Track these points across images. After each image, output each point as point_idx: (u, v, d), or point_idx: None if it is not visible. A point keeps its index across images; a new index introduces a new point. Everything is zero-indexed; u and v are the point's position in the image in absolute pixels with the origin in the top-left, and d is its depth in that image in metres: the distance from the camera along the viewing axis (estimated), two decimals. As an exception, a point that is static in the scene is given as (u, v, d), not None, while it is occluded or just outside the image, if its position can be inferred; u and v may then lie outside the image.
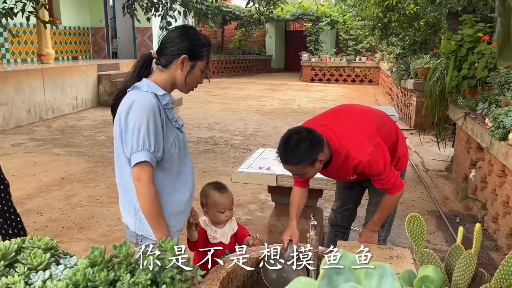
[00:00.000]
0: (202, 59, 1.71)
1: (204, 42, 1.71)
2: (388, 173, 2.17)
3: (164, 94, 1.68)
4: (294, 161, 2.00)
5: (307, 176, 2.18)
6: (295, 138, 2.02)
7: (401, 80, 8.55)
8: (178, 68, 1.68)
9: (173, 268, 0.97)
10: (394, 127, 2.42)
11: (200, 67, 1.72)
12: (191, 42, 1.68)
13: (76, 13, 11.95)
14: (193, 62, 1.69)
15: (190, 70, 1.70)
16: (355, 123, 2.24)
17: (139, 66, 1.74)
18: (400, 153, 2.40)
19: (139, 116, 1.58)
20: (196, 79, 1.74)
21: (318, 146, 2.03)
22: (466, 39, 4.53)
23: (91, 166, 5.45)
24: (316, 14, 17.95)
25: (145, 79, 1.70)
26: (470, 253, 0.85)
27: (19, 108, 7.79)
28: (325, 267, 0.67)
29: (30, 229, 3.66)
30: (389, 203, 2.29)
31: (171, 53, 1.68)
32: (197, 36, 1.71)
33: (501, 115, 3.43)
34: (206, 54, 1.71)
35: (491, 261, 3.21)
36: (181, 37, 1.68)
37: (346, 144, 2.12)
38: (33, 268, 0.92)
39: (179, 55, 1.66)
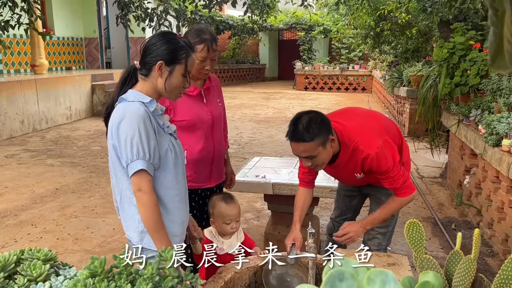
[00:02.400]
0: (180, 62, 1.68)
1: (181, 45, 1.69)
2: (397, 171, 2.10)
3: (151, 101, 1.67)
4: (308, 138, 1.95)
5: (317, 161, 2.06)
6: (305, 116, 2.00)
7: (394, 87, 8.61)
8: (157, 75, 1.67)
9: (174, 277, 0.97)
10: (398, 133, 2.40)
11: (179, 71, 1.68)
12: (168, 47, 1.67)
13: (70, 23, 11.95)
14: (171, 67, 1.67)
15: (168, 76, 1.68)
16: (364, 120, 2.22)
17: (123, 78, 1.75)
18: (404, 159, 2.37)
19: (130, 126, 1.58)
20: (176, 84, 1.70)
21: (329, 126, 2.02)
22: (458, 46, 4.59)
23: (85, 177, 5.42)
24: (309, 23, 18.08)
25: (130, 90, 1.70)
26: (470, 258, 0.85)
27: (12, 119, 7.75)
28: (328, 274, 0.68)
29: (25, 241, 3.63)
30: (396, 205, 2.21)
31: (149, 61, 1.67)
32: (174, 40, 1.69)
33: (494, 122, 3.47)
34: (184, 57, 1.69)
35: (487, 267, 3.22)
36: (158, 43, 1.68)
37: (355, 137, 2.09)
38: (33, 279, 0.91)
39: (156, 61, 1.65)
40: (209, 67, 2.27)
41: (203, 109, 2.36)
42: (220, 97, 2.53)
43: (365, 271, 0.70)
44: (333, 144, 2.04)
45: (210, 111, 2.38)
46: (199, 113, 2.34)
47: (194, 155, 2.34)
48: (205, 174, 2.43)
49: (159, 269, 0.96)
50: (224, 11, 20.00)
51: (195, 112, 2.33)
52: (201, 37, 2.19)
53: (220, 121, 2.47)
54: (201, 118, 2.34)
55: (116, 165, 1.70)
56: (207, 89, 2.40)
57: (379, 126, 2.18)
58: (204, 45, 2.19)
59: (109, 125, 1.66)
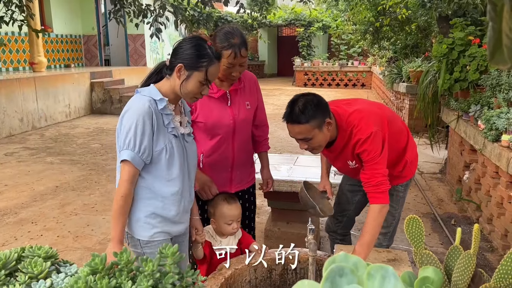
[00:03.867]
0: (199, 70, 1.69)
1: (205, 53, 1.70)
2: (380, 167, 2.01)
3: (161, 99, 1.71)
4: (303, 119, 1.94)
5: (313, 144, 2.04)
6: (302, 99, 1.99)
7: (394, 83, 8.61)
8: (176, 77, 1.71)
9: (174, 274, 0.97)
10: (406, 130, 2.34)
11: (197, 78, 1.70)
12: (192, 53, 1.69)
13: (68, 21, 11.92)
14: (189, 72, 1.69)
15: (185, 80, 1.70)
16: (365, 107, 2.16)
17: (151, 73, 1.81)
18: (408, 157, 2.31)
19: (130, 118, 1.66)
20: (191, 89, 1.72)
21: (326, 109, 2.00)
22: (457, 42, 4.58)
23: (85, 174, 5.42)
24: (308, 19, 18.05)
25: (152, 84, 1.76)
26: (469, 254, 0.86)
27: (11, 117, 7.74)
28: (328, 270, 0.68)
29: (25, 239, 3.64)
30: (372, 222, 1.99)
31: (173, 62, 1.72)
32: (200, 47, 1.71)
33: (493, 117, 3.47)
34: (205, 65, 1.69)
35: (486, 262, 3.23)
36: (185, 46, 1.71)
37: (352, 121, 2.06)
38: (34, 276, 0.91)
39: (178, 63, 1.69)
40: (236, 73, 2.15)
41: (225, 112, 2.23)
42: (252, 98, 2.35)
43: (365, 266, 0.70)
44: (330, 127, 2.02)
45: (232, 115, 2.25)
46: (219, 116, 2.22)
47: (209, 159, 2.27)
48: (224, 179, 2.35)
49: (159, 266, 0.96)
50: (223, 8, 19.96)
51: (215, 116, 2.21)
52: (229, 41, 2.06)
53: (245, 125, 2.33)
54: (220, 122, 2.22)
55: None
56: (234, 91, 2.26)
57: (381, 116, 2.12)
58: (231, 51, 2.06)
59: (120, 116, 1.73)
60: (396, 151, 2.24)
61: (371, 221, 2.00)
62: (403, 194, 2.43)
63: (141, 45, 12.88)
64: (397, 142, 2.23)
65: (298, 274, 2.19)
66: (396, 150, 2.23)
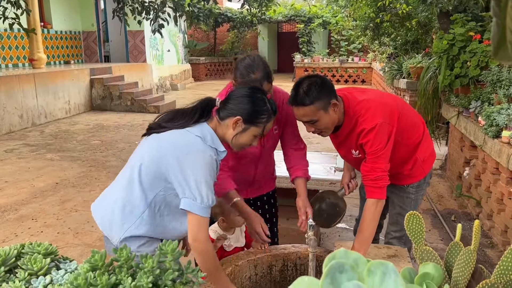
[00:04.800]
0: (257, 125, 1.68)
1: (266, 109, 1.68)
2: (381, 161, 1.96)
3: (223, 151, 1.67)
4: (307, 101, 1.90)
5: (320, 126, 1.99)
6: (306, 81, 1.95)
7: (394, 79, 8.59)
8: (231, 127, 1.67)
9: (174, 270, 0.97)
10: (421, 127, 2.23)
11: (253, 132, 1.69)
12: (252, 107, 1.67)
13: (68, 17, 11.88)
14: (246, 125, 1.67)
15: (240, 132, 1.68)
16: (376, 97, 2.08)
17: (200, 108, 1.70)
18: (419, 155, 2.21)
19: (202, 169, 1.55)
20: (244, 141, 1.71)
21: (331, 90, 1.96)
22: (457, 38, 4.57)
23: (85, 171, 5.42)
24: (308, 15, 18.00)
25: (208, 127, 1.67)
26: (470, 250, 0.86)
27: (11, 113, 7.73)
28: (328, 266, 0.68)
29: (25, 235, 3.64)
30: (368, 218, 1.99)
31: (230, 110, 1.67)
32: (262, 102, 1.69)
33: (493, 113, 3.46)
34: (264, 121, 1.69)
35: (486, 258, 3.23)
36: (244, 98, 1.68)
37: (360, 110, 2.00)
38: (34, 273, 0.91)
39: (235, 115, 1.65)
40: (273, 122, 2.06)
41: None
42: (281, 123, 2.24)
43: (366, 263, 0.70)
44: (336, 109, 1.97)
45: (260, 144, 2.22)
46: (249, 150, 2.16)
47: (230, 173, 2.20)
48: (242, 189, 2.29)
49: (159, 263, 0.96)
50: (223, 4, 19.92)
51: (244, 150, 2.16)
52: (250, 76, 1.98)
53: (272, 150, 2.31)
54: (247, 151, 2.17)
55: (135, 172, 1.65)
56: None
57: (392, 109, 2.03)
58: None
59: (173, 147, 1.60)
60: (407, 147, 2.15)
61: (368, 217, 2.00)
62: (415, 196, 2.31)
63: (140, 42, 12.85)
64: (408, 138, 2.15)
65: (298, 270, 2.19)
66: (406, 146, 2.15)
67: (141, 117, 9.38)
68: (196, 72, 17.63)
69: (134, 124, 8.60)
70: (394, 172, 2.14)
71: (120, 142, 6.97)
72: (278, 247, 2.26)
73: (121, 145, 6.81)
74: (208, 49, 19.55)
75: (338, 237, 3.58)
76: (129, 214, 1.66)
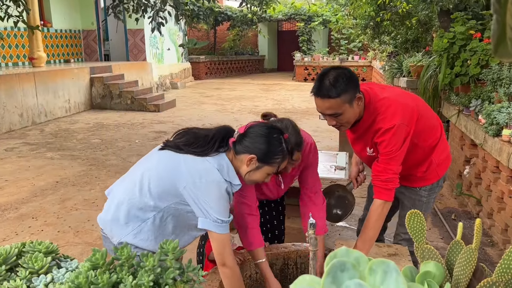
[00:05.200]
0: (271, 165, 1.70)
1: (281, 150, 1.69)
2: (394, 163, 1.92)
3: (238, 185, 1.70)
4: (334, 93, 1.82)
5: (342, 120, 1.93)
6: (333, 72, 1.86)
7: (394, 78, 8.58)
8: (245, 163, 1.69)
9: (175, 269, 0.97)
10: (439, 130, 2.15)
11: (266, 171, 1.71)
12: (267, 147, 1.67)
13: (67, 16, 11.87)
14: (260, 164, 1.69)
15: (254, 169, 1.70)
16: (400, 96, 2.01)
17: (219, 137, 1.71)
18: (435, 158, 2.14)
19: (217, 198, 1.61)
20: (257, 178, 1.73)
21: (357, 83, 1.89)
22: (458, 36, 4.56)
23: (85, 170, 5.42)
24: (308, 13, 17.99)
25: (226, 159, 1.69)
26: (471, 248, 0.86)
27: (11, 112, 7.73)
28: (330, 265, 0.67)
29: (26, 234, 3.64)
30: (374, 218, 1.97)
31: (245, 147, 1.69)
32: (278, 142, 1.69)
33: (494, 112, 3.46)
34: (278, 162, 1.70)
35: (487, 256, 3.24)
36: (261, 138, 1.68)
37: (379, 108, 1.94)
38: (35, 272, 0.91)
39: (250, 153, 1.67)
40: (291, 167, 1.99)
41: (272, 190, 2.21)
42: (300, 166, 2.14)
43: (367, 261, 0.70)
44: (360, 103, 1.91)
45: (277, 192, 2.25)
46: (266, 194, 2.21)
47: None
48: None
49: (160, 261, 0.96)
50: (222, 2, 19.91)
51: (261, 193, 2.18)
52: None
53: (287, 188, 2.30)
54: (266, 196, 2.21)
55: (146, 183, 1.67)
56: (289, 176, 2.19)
57: (412, 110, 1.96)
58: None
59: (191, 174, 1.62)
60: (423, 150, 2.09)
61: (374, 218, 1.97)
62: (427, 200, 2.26)
63: (140, 40, 12.84)
64: (425, 140, 2.08)
65: (299, 269, 2.20)
66: (422, 149, 2.08)
67: (141, 115, 9.38)
68: (196, 71, 17.62)
69: (134, 122, 8.60)
70: (407, 173, 2.10)
71: (120, 141, 6.97)
72: (279, 245, 2.26)
73: (121, 143, 6.81)
74: (208, 48, 19.53)
75: (338, 236, 3.58)
76: (134, 217, 1.68)
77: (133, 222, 1.67)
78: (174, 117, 9.24)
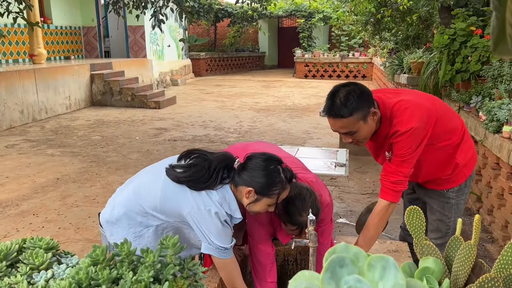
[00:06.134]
0: (270, 197, 1.69)
1: (279, 181, 1.68)
2: (406, 166, 1.89)
3: (239, 219, 1.72)
4: (346, 112, 1.77)
5: (359, 137, 1.89)
6: (343, 90, 1.81)
7: (395, 75, 8.57)
8: (244, 196, 1.69)
9: (175, 265, 0.97)
10: (460, 130, 2.07)
11: (266, 202, 1.71)
12: (265, 180, 1.67)
13: (67, 12, 11.85)
14: (259, 196, 1.69)
15: (254, 201, 1.70)
16: (416, 98, 1.95)
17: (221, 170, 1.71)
18: (460, 160, 2.05)
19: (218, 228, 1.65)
20: (258, 210, 1.74)
21: (370, 98, 1.83)
22: (458, 33, 4.55)
23: (86, 166, 5.43)
24: (308, 10, 17.95)
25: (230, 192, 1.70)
26: (470, 244, 0.86)
27: (11, 109, 7.73)
28: (328, 260, 0.68)
29: (27, 230, 3.65)
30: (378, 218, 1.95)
31: (243, 180, 1.68)
32: (275, 174, 1.68)
33: (494, 108, 3.46)
34: (277, 193, 1.69)
35: (486, 252, 3.24)
36: (259, 171, 1.68)
37: (397, 111, 1.88)
38: (35, 268, 0.91)
39: (248, 186, 1.67)
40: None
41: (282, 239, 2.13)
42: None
43: (366, 257, 0.70)
44: (375, 117, 1.86)
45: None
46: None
47: None
48: None
49: (160, 257, 0.96)
50: None
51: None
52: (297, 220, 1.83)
53: None
54: None
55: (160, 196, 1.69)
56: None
57: (429, 112, 1.90)
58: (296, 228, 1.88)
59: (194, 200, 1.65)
60: (443, 151, 2.02)
61: (377, 217, 1.95)
62: (456, 201, 2.17)
63: (141, 37, 12.82)
64: (444, 141, 2.01)
65: (299, 265, 2.20)
66: (442, 150, 2.01)
67: (142, 112, 9.38)
68: (197, 68, 17.61)
69: (135, 119, 8.60)
70: (433, 178, 2.07)
71: (120, 138, 6.98)
72: (279, 242, 2.26)
73: (122, 140, 6.81)
74: (209, 45, 19.50)
75: (338, 232, 3.59)
76: (137, 222, 1.71)
77: (136, 227, 1.71)
78: (174, 114, 9.24)
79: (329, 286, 0.65)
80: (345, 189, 4.50)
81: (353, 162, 5.26)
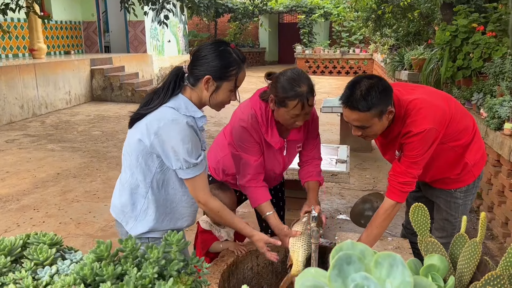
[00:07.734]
0: (229, 80, 1.64)
1: (233, 61, 1.64)
2: (416, 167, 1.86)
3: (202, 117, 1.67)
4: (364, 107, 1.71)
5: (369, 133, 1.84)
6: (366, 82, 1.73)
7: (395, 71, 8.56)
8: (204, 88, 1.64)
9: (179, 261, 0.97)
10: (471, 129, 2.01)
11: (227, 87, 1.66)
12: (218, 63, 1.62)
13: (67, 7, 11.81)
14: (218, 82, 1.64)
15: (215, 91, 1.65)
16: (432, 97, 1.89)
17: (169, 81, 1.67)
18: (469, 159, 2.01)
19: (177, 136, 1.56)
20: (222, 99, 1.69)
21: (390, 96, 1.77)
22: (460, 29, 4.54)
23: (86, 161, 5.43)
24: (309, 6, 17.90)
25: (182, 96, 1.66)
26: (475, 242, 0.86)
27: (11, 104, 7.72)
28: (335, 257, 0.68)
29: (27, 225, 3.65)
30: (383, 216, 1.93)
31: (197, 73, 1.63)
32: (226, 54, 1.63)
33: (496, 105, 3.46)
34: (234, 74, 1.64)
35: (487, 250, 3.25)
36: (209, 56, 1.62)
37: (411, 110, 1.82)
38: (40, 263, 0.91)
39: (204, 75, 1.62)
40: (301, 122, 1.93)
41: (278, 162, 2.17)
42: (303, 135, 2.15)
43: (373, 254, 0.70)
44: (391, 116, 1.81)
45: (283, 164, 2.21)
46: (272, 167, 2.17)
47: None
48: None
49: (164, 253, 0.96)
50: (224, -6, 19.77)
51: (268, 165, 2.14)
52: (295, 90, 1.83)
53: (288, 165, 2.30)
54: (270, 171, 2.17)
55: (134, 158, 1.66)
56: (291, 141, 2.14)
57: (444, 113, 1.85)
58: (297, 101, 1.84)
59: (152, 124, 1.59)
60: (453, 151, 1.98)
61: (383, 216, 1.93)
62: (463, 201, 2.14)
63: (141, 32, 12.78)
64: (455, 141, 1.97)
65: (300, 261, 2.20)
66: (452, 150, 1.97)
67: (142, 108, 9.37)
68: (197, 63, 17.55)
69: (135, 115, 8.59)
70: (441, 177, 2.05)
71: (120, 133, 6.97)
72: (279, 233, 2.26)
73: (122, 135, 6.81)
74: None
75: (339, 229, 3.59)
76: (138, 196, 1.70)
77: (138, 201, 1.70)
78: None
79: (336, 283, 0.65)
80: (345, 185, 4.50)
81: (354, 158, 5.26)
